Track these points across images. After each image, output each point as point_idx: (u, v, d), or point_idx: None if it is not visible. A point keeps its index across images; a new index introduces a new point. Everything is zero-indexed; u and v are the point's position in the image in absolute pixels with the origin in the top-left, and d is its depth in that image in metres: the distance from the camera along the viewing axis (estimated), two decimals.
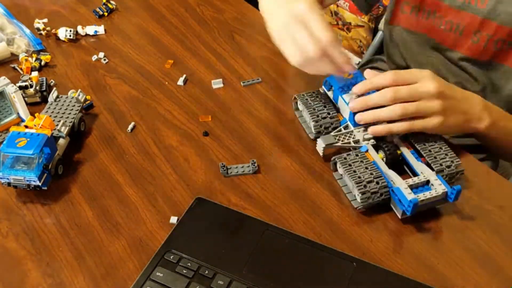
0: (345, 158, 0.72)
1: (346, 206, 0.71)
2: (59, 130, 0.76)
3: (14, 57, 0.95)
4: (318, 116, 0.78)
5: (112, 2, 1.08)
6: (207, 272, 0.61)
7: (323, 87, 0.81)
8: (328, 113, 0.78)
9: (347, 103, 0.76)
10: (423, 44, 1.00)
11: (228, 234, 0.66)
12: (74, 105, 0.81)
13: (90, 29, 1.02)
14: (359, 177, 0.69)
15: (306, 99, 0.80)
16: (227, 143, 0.80)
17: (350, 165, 0.71)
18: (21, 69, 0.92)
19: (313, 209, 0.71)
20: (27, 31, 1.00)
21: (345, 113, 0.77)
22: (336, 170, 0.75)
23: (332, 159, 0.74)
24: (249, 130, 0.83)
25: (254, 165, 0.75)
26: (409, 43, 1.02)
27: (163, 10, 1.08)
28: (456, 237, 0.68)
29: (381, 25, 1.33)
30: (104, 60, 0.96)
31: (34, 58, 0.93)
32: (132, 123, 0.83)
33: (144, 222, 0.69)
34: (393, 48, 1.06)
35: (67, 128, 0.77)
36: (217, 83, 0.91)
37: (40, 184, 0.69)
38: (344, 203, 0.72)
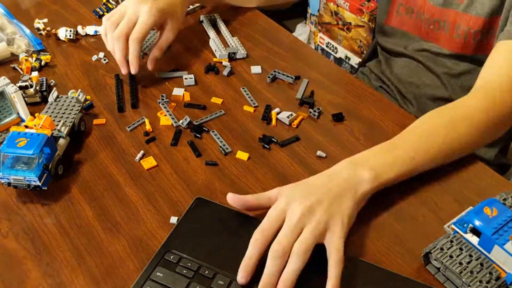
0: (441, 249, 0.61)
1: None
2: (59, 130, 0.76)
3: (14, 57, 0.95)
4: (472, 272, 0.60)
5: (112, 2, 1.08)
6: (207, 272, 0.61)
7: (453, 226, 0.64)
8: (481, 264, 0.60)
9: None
10: (415, 44, 1.03)
11: (228, 234, 0.66)
12: (74, 105, 0.81)
13: (90, 29, 1.02)
14: (466, 268, 0.59)
15: (442, 249, 0.62)
16: (228, 143, 0.80)
17: (451, 256, 0.61)
18: (21, 69, 0.92)
19: None
20: (27, 31, 1.00)
21: (508, 266, 0.59)
22: (429, 263, 0.64)
23: (423, 251, 0.63)
24: (249, 130, 0.83)
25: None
26: (402, 44, 1.04)
27: None
28: None
29: None
30: (104, 60, 0.96)
31: (34, 58, 0.93)
32: (132, 123, 0.83)
33: (144, 222, 0.69)
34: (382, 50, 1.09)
35: (67, 128, 0.77)
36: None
37: (40, 184, 0.69)
38: None
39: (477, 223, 0.60)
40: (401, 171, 0.70)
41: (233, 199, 0.66)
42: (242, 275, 0.59)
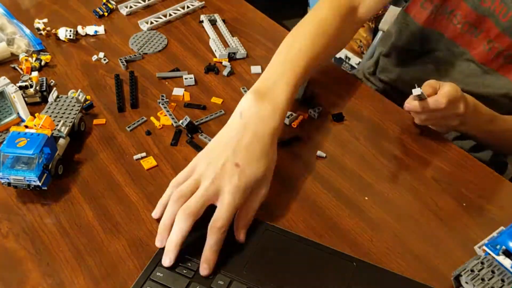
0: (472, 271, 0.59)
1: (346, 206, 0.71)
2: (59, 130, 0.76)
3: (14, 57, 0.95)
4: None
5: (112, 2, 1.08)
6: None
7: (485, 247, 0.61)
8: None
9: None
10: (433, 39, 0.99)
11: (228, 234, 0.66)
12: (74, 105, 0.81)
13: (90, 29, 1.02)
14: None
15: (473, 271, 0.60)
16: None
17: (482, 279, 0.58)
18: (21, 69, 0.92)
19: (313, 209, 0.71)
20: (27, 31, 1.00)
21: None
22: (460, 286, 0.62)
23: (452, 274, 0.61)
24: None
25: None
26: (417, 38, 1.01)
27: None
28: (456, 237, 0.68)
29: (381, 25, 1.33)
30: (104, 60, 0.96)
31: (34, 58, 0.93)
32: (132, 123, 0.83)
33: (144, 222, 0.69)
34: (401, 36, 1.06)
35: (67, 128, 0.77)
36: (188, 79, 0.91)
37: (40, 184, 0.69)
38: (344, 203, 0.72)
39: None
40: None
41: None
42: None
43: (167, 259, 0.61)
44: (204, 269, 0.60)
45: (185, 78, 0.91)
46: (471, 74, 0.95)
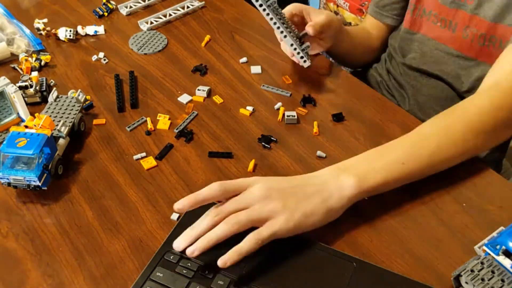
0: (472, 271, 0.59)
1: None
2: (59, 130, 0.76)
3: (14, 57, 0.95)
4: None
5: (112, 2, 1.08)
6: (207, 272, 0.61)
7: (485, 247, 0.60)
8: None
9: None
10: (418, 41, 1.02)
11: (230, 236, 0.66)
12: (74, 105, 0.81)
13: (90, 29, 1.02)
14: None
15: (473, 271, 0.60)
16: (227, 143, 0.80)
17: (482, 279, 0.58)
18: (21, 69, 0.92)
19: None
20: (27, 31, 1.00)
21: None
22: (459, 286, 0.61)
23: (452, 274, 0.61)
24: (249, 130, 0.83)
25: None
26: (403, 40, 1.04)
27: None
28: (456, 237, 0.68)
29: None
30: (104, 60, 0.96)
31: (34, 58, 0.93)
32: (132, 123, 0.83)
33: (144, 222, 0.69)
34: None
35: (67, 128, 0.77)
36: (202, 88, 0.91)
37: (40, 184, 0.69)
38: None
39: None
40: (389, 177, 0.69)
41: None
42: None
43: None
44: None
45: (198, 90, 0.89)
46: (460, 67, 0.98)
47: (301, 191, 0.66)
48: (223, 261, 0.59)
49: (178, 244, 0.63)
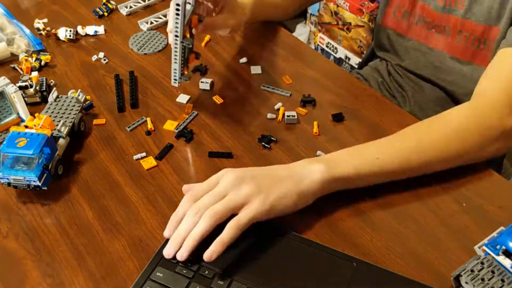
0: (472, 271, 0.59)
1: (346, 206, 0.71)
2: (59, 130, 0.76)
3: (14, 57, 0.95)
4: None
5: (112, 2, 1.08)
6: (207, 272, 0.61)
7: (484, 247, 0.60)
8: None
9: None
10: (413, 48, 1.03)
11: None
12: (74, 105, 0.81)
13: (90, 29, 1.02)
14: None
15: (473, 271, 0.59)
16: (227, 143, 0.80)
17: (482, 279, 0.58)
18: (21, 69, 0.92)
19: (313, 209, 0.71)
20: (27, 31, 1.00)
21: None
22: (459, 286, 0.61)
23: (452, 274, 0.61)
24: (249, 130, 0.83)
25: None
26: (398, 46, 1.04)
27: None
28: (456, 237, 0.68)
29: None
30: (104, 60, 0.96)
31: (34, 58, 0.93)
32: (132, 123, 0.83)
33: (144, 222, 0.69)
34: (381, 50, 1.11)
35: (67, 128, 0.77)
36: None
37: (40, 184, 0.69)
38: (344, 203, 0.72)
39: None
40: (361, 169, 0.70)
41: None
42: (167, 230, 0.64)
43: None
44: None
45: (201, 82, 0.90)
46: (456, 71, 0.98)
47: (273, 174, 0.67)
48: (209, 254, 0.60)
49: (168, 252, 0.62)
